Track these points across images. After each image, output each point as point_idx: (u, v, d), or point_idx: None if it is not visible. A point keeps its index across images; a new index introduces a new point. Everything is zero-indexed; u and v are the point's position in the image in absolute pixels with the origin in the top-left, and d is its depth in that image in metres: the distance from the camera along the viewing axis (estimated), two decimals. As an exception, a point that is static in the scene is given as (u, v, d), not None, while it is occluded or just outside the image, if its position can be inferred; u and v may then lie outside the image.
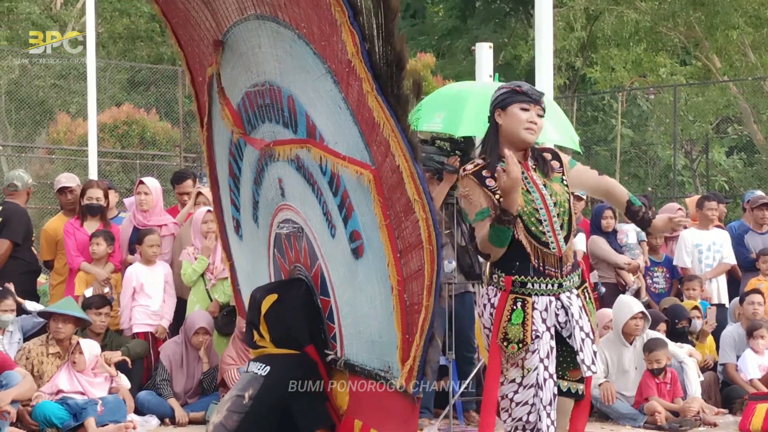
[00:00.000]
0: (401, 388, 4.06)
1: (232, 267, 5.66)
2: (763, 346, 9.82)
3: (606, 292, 10.85)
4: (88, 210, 9.55)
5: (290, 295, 4.58)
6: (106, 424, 8.26)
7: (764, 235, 11.15)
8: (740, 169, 26.40)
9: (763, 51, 25.02)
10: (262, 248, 5.09)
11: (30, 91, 22.58)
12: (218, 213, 5.58)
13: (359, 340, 4.38)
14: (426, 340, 3.93)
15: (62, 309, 8.58)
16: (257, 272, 5.23)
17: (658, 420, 8.94)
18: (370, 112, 3.88)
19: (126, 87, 25.34)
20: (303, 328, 4.53)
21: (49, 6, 26.53)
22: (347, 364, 4.47)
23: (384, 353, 4.21)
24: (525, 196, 4.88)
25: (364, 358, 4.37)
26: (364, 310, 4.29)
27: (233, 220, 5.39)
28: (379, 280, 4.13)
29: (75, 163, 20.34)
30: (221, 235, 5.65)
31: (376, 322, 4.21)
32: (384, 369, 4.21)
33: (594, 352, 4.96)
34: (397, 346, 4.04)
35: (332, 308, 4.54)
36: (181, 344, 9.07)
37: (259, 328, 4.54)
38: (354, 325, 4.40)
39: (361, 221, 4.18)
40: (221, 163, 5.39)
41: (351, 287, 4.34)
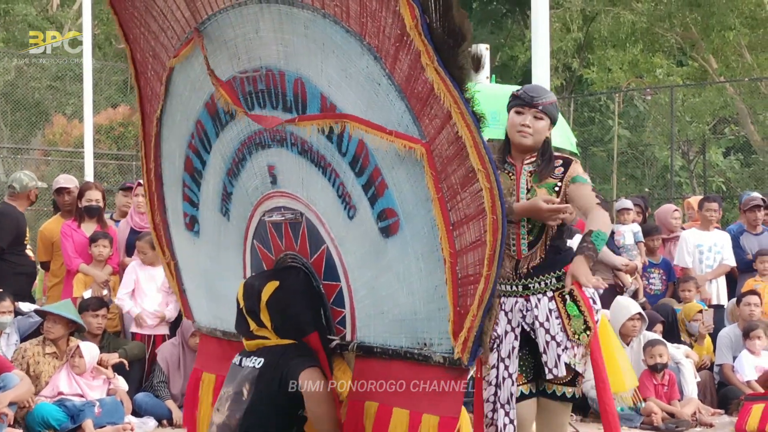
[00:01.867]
0: (453, 362, 4.06)
1: (176, 266, 5.57)
2: (760, 347, 9.83)
3: (603, 293, 10.86)
4: (86, 211, 9.55)
5: (291, 281, 4.55)
6: (103, 425, 8.26)
7: (759, 236, 11.18)
8: (737, 170, 26.43)
9: (759, 52, 25.06)
10: (233, 241, 5.04)
11: (26, 92, 22.58)
12: (160, 211, 5.49)
13: (381, 320, 4.36)
14: (484, 311, 3.95)
15: (56, 309, 8.57)
16: (222, 266, 5.16)
17: (655, 421, 8.94)
18: (427, 84, 3.90)
19: (122, 88, 25.33)
20: (307, 315, 4.50)
21: (45, 7, 26.52)
22: (362, 347, 4.45)
23: (419, 329, 4.20)
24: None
25: (387, 338, 4.35)
26: (390, 290, 4.28)
27: (185, 216, 5.30)
28: (420, 255, 4.14)
29: (71, 165, 20.34)
30: (163, 234, 5.53)
31: (409, 300, 4.20)
32: (418, 346, 4.20)
33: (559, 355, 4.99)
34: (449, 318, 4.04)
35: (342, 292, 4.51)
36: (178, 346, 9.07)
37: (260, 316, 4.48)
38: (374, 305, 4.37)
39: (398, 198, 4.18)
40: (171, 160, 5.31)
41: (374, 268, 4.33)
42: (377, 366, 4.41)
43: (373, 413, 4.36)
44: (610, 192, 24.73)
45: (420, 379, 4.22)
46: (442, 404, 4.14)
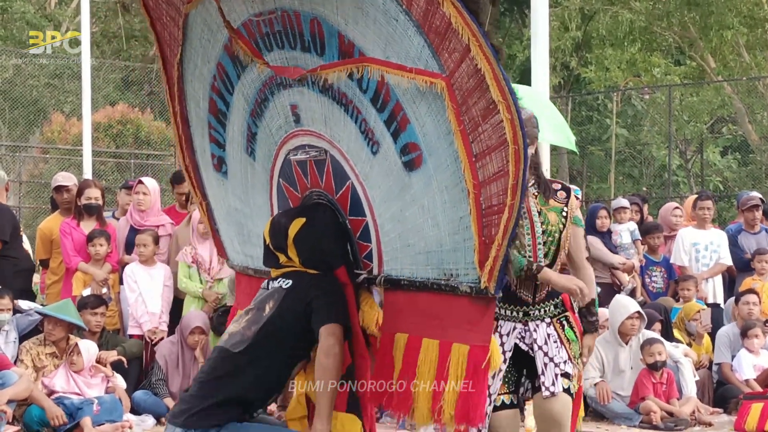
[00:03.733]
0: (480, 291, 4.10)
1: (208, 206, 5.61)
2: (758, 346, 9.84)
3: (601, 292, 10.86)
4: (86, 210, 9.54)
5: (317, 217, 4.57)
6: (102, 423, 8.26)
7: (757, 235, 11.19)
8: (735, 169, 26.45)
9: (757, 51, 25.07)
10: (260, 180, 5.07)
11: (24, 90, 22.57)
12: (189, 153, 5.51)
13: (407, 253, 4.40)
14: (509, 240, 4.00)
15: (57, 313, 8.55)
16: (250, 205, 5.19)
17: (654, 420, 8.95)
18: (444, 18, 3.95)
19: (120, 86, 25.34)
20: (335, 249, 4.52)
21: (43, 5, 26.50)
22: (389, 280, 4.48)
23: (445, 261, 4.24)
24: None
25: (413, 271, 4.38)
26: (416, 223, 4.32)
27: (213, 157, 5.34)
28: (444, 188, 4.17)
29: (69, 163, 20.33)
30: (193, 176, 5.56)
31: (435, 232, 4.24)
32: (444, 277, 4.24)
33: (556, 374, 5.08)
34: (474, 248, 4.08)
35: (368, 227, 4.55)
36: (177, 344, 9.07)
37: (287, 252, 4.50)
38: (401, 239, 4.41)
39: (420, 132, 4.22)
40: (195, 101, 5.35)
41: (399, 201, 4.36)
42: (405, 298, 4.43)
43: (403, 344, 4.39)
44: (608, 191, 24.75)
45: (447, 309, 4.26)
46: (471, 333, 4.18)
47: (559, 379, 5.07)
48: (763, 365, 9.79)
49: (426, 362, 4.30)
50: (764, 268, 10.71)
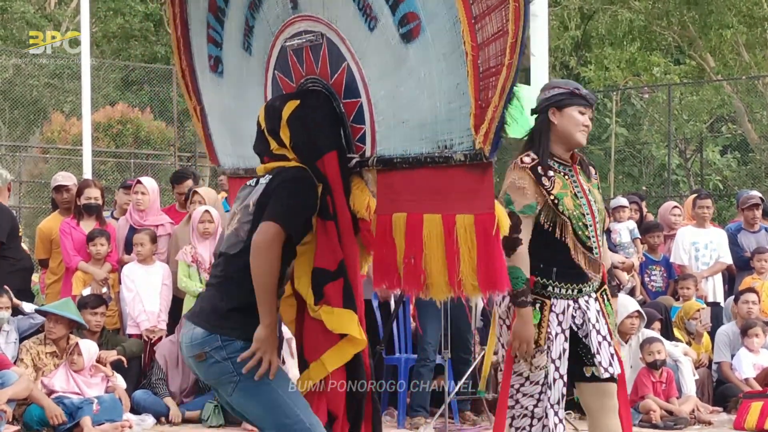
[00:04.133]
0: (474, 157, 4.05)
1: (202, 111, 5.59)
2: (758, 345, 9.85)
3: (601, 290, 10.87)
4: (85, 209, 9.55)
5: (311, 100, 4.54)
6: (102, 423, 8.27)
7: (757, 234, 11.20)
8: (734, 168, 26.45)
9: (756, 50, 25.08)
10: (255, 76, 5.07)
11: (24, 90, 22.57)
12: (186, 57, 5.51)
13: (401, 129, 4.36)
14: (506, 100, 3.95)
15: (57, 310, 8.59)
16: (245, 102, 5.17)
17: (653, 418, 8.96)
18: None
19: (120, 86, 25.33)
20: (327, 132, 4.47)
21: (43, 5, 26.51)
22: (382, 160, 4.43)
23: (440, 132, 4.19)
24: (573, 200, 5.05)
25: (407, 147, 4.33)
26: (411, 97, 4.27)
27: (209, 58, 5.31)
28: (442, 56, 4.13)
29: (69, 163, 20.32)
30: (189, 79, 5.54)
31: (431, 103, 4.20)
32: (438, 150, 4.19)
33: (611, 354, 5.10)
34: (470, 113, 4.04)
35: (362, 108, 4.51)
36: (176, 343, 9.06)
37: (280, 133, 4.44)
38: (394, 115, 4.38)
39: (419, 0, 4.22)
40: (195, 2, 5.35)
41: (394, 76, 4.33)
42: (400, 177, 4.37)
43: (403, 223, 4.32)
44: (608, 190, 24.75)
45: (444, 182, 4.20)
46: (473, 202, 4.11)
47: (615, 360, 5.08)
48: (762, 364, 9.80)
49: (432, 237, 4.21)
50: (764, 267, 10.72)
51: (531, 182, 5.00)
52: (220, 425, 8.79)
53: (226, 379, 4.20)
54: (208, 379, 4.29)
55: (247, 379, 4.18)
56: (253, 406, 4.24)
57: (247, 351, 4.14)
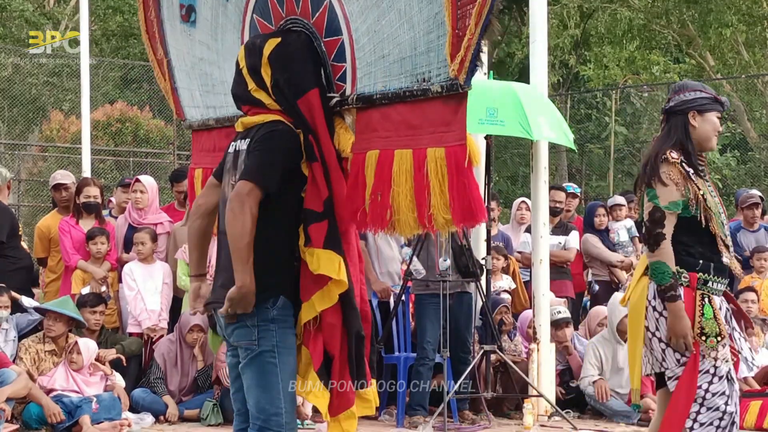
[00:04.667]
0: (451, 88, 4.04)
1: (169, 63, 5.53)
2: (757, 344, 9.84)
3: (600, 289, 10.89)
4: (85, 208, 9.55)
5: (292, 38, 4.52)
6: (101, 421, 8.27)
7: (756, 233, 11.21)
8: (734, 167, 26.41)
9: (756, 49, 25.07)
10: (231, 21, 5.03)
11: (23, 88, 22.54)
12: (155, 7, 5.47)
13: (382, 65, 4.35)
14: (482, 29, 3.94)
15: (57, 307, 8.59)
16: (218, 52, 5.14)
17: (652, 417, 8.94)
18: None
19: (119, 84, 25.31)
20: (308, 70, 4.46)
21: (42, 3, 26.49)
22: (362, 98, 4.41)
23: (419, 65, 4.18)
24: (712, 199, 5.16)
25: (386, 83, 4.33)
26: (391, 29, 4.27)
27: (181, 8, 5.26)
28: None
29: (68, 161, 20.30)
30: (157, 31, 5.49)
31: (410, 35, 4.19)
32: (417, 83, 4.18)
33: (749, 348, 5.33)
34: (447, 42, 4.02)
35: (343, 45, 4.49)
36: (175, 342, 9.07)
37: (261, 71, 4.40)
38: (375, 51, 4.36)
39: None
40: None
41: (375, 10, 4.32)
42: (378, 114, 4.36)
43: (375, 160, 4.30)
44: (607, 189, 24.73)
45: (420, 116, 4.18)
46: (445, 135, 4.10)
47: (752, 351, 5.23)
48: (761, 363, 9.80)
49: (401, 172, 4.19)
50: (763, 266, 10.73)
51: (681, 177, 5.10)
52: (218, 424, 8.79)
53: (246, 344, 4.28)
54: (231, 340, 4.35)
55: (261, 353, 4.26)
56: (251, 378, 4.31)
57: (224, 306, 4.20)
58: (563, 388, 9.58)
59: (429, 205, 4.11)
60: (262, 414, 4.28)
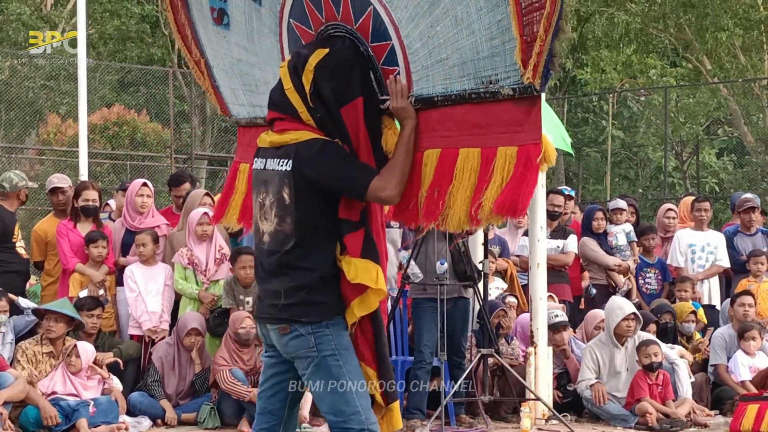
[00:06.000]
0: (524, 90, 4.06)
1: (206, 63, 5.53)
2: (754, 348, 9.86)
3: (597, 293, 10.89)
4: (83, 211, 9.54)
5: (339, 47, 4.49)
6: (98, 425, 8.26)
7: (753, 237, 11.22)
8: (730, 171, 26.48)
9: (753, 53, 25.10)
10: (267, 25, 5.00)
11: (20, 91, 22.53)
12: (184, 9, 5.45)
13: (441, 68, 4.34)
14: (553, 34, 3.97)
15: (56, 307, 8.58)
16: (257, 54, 5.13)
17: (650, 421, 8.96)
18: None
19: (116, 88, 25.31)
20: (355, 78, 4.44)
21: (39, 7, 26.48)
22: (420, 99, 4.40)
23: (482, 68, 4.20)
24: None
25: (447, 85, 4.33)
26: (448, 35, 4.27)
27: (212, 11, 5.22)
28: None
29: (65, 164, 20.31)
30: (190, 32, 5.47)
31: (471, 40, 4.20)
32: (483, 85, 4.19)
33: None
34: (517, 49, 4.04)
35: (393, 50, 4.48)
36: (173, 345, 9.07)
37: (302, 77, 4.39)
38: (431, 55, 4.36)
39: None
40: None
41: (428, 17, 4.31)
42: (437, 115, 4.37)
43: (435, 158, 4.31)
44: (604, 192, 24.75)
45: (488, 116, 4.20)
46: (518, 135, 4.11)
47: None
48: (758, 367, 9.81)
49: (466, 170, 4.21)
50: (759, 269, 10.74)
51: None
52: (216, 427, 8.78)
53: (304, 353, 4.28)
54: (287, 352, 4.34)
55: (324, 358, 4.27)
56: (321, 385, 4.32)
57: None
58: (560, 392, 9.58)
59: (482, 197, 4.14)
60: (340, 416, 4.30)
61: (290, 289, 4.27)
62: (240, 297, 9.16)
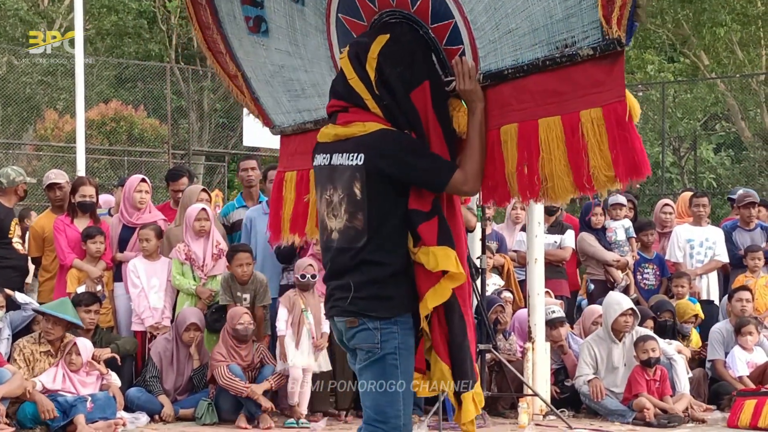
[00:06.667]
0: (605, 48, 3.93)
1: (244, 76, 5.37)
2: (752, 343, 9.87)
3: (595, 288, 10.89)
4: (80, 207, 9.53)
5: (399, 32, 4.39)
6: (95, 420, 8.25)
7: (752, 232, 11.22)
8: (728, 166, 26.46)
9: (750, 48, 25.09)
10: (312, 24, 4.90)
11: (17, 87, 22.51)
12: (215, 24, 5.34)
13: (509, 39, 4.22)
14: None
15: (57, 311, 8.52)
16: (302, 57, 5.04)
17: (647, 416, 8.96)
18: None
19: (114, 83, 25.29)
20: (419, 61, 4.35)
21: (36, 2, 26.44)
22: (489, 75, 4.28)
23: (556, 32, 4.06)
24: None
25: (518, 56, 4.20)
26: (517, 4, 4.14)
27: (247, 20, 5.11)
28: None
29: (62, 160, 20.30)
30: (221, 50, 5.37)
31: (542, 5, 4.06)
32: (558, 50, 4.06)
33: None
34: (597, 4, 3.90)
35: (456, 28, 4.35)
36: (171, 341, 9.06)
37: (365, 66, 4.29)
38: (499, 27, 4.23)
39: None
40: None
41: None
42: (509, 88, 4.25)
43: (515, 133, 4.20)
44: (602, 188, 24.70)
45: (566, 81, 4.07)
46: (600, 95, 3.99)
47: None
48: (756, 362, 9.82)
49: (551, 140, 4.08)
50: (757, 265, 10.75)
51: None
52: (213, 423, 8.78)
53: (366, 347, 4.24)
54: (352, 344, 4.30)
55: (384, 356, 4.24)
56: (370, 382, 4.29)
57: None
58: (558, 387, 9.59)
59: (588, 166, 4.01)
60: (380, 416, 4.27)
61: (361, 283, 4.22)
62: (237, 294, 9.15)
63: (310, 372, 8.84)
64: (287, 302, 8.91)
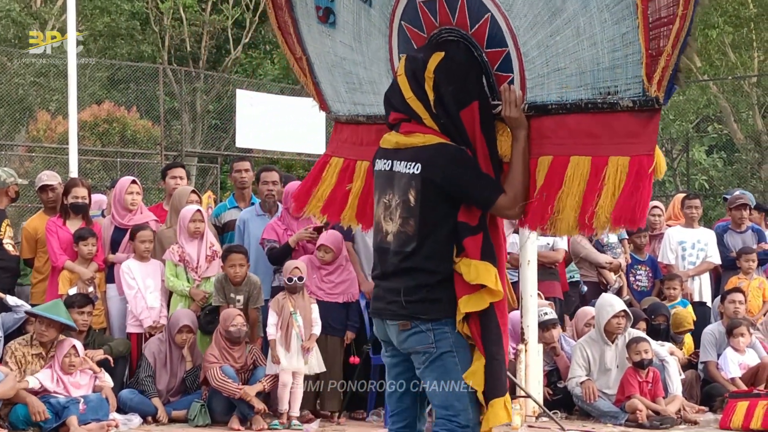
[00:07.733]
0: (644, 103, 4.11)
1: (308, 60, 5.52)
2: (744, 345, 9.88)
3: (588, 290, 10.90)
4: (72, 209, 9.51)
5: (455, 52, 4.55)
6: (88, 422, 8.25)
7: (743, 234, 11.24)
8: (720, 168, 26.53)
9: (742, 50, 25.14)
10: (376, 26, 5.04)
11: (9, 88, 22.47)
12: (288, 8, 5.46)
13: (557, 77, 4.38)
14: (680, 50, 4.05)
15: (50, 313, 8.50)
16: (363, 54, 5.18)
17: (640, 418, 8.98)
18: None
19: (106, 85, 25.24)
20: (471, 81, 4.50)
21: (29, 3, 26.40)
22: (533, 107, 4.44)
23: (601, 79, 4.25)
24: None
25: (563, 94, 4.37)
26: (568, 45, 4.31)
27: (318, 9, 5.27)
28: (604, 6, 4.16)
29: (55, 161, 20.25)
30: (293, 30, 5.50)
31: (592, 51, 4.24)
32: (601, 96, 4.25)
33: None
34: (642, 62, 4.09)
35: (509, 57, 4.51)
36: (165, 342, 9.06)
37: (423, 84, 4.46)
38: (548, 64, 4.40)
39: None
40: None
41: (548, 27, 4.34)
42: (551, 122, 4.41)
43: (547, 164, 4.37)
44: (594, 190, 24.74)
45: (604, 126, 4.24)
46: (633, 146, 4.16)
47: None
48: (748, 364, 9.83)
49: (575, 177, 4.27)
50: (750, 267, 10.77)
51: None
52: (206, 425, 8.78)
53: (422, 349, 4.39)
54: (404, 348, 4.45)
55: (441, 355, 4.38)
56: (435, 381, 4.42)
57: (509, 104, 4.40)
58: (551, 389, 9.59)
59: (595, 205, 4.19)
60: (451, 410, 4.40)
61: (410, 287, 4.39)
62: (230, 295, 9.15)
63: (301, 375, 8.84)
64: (276, 306, 8.91)
